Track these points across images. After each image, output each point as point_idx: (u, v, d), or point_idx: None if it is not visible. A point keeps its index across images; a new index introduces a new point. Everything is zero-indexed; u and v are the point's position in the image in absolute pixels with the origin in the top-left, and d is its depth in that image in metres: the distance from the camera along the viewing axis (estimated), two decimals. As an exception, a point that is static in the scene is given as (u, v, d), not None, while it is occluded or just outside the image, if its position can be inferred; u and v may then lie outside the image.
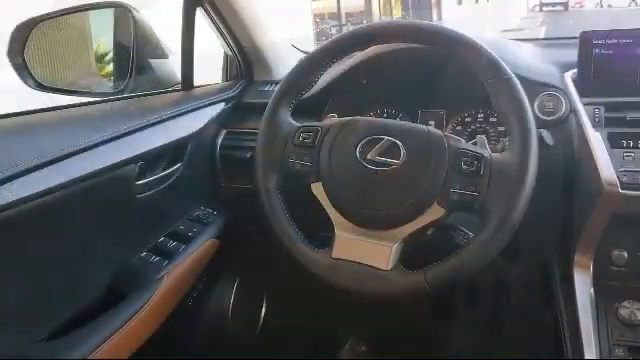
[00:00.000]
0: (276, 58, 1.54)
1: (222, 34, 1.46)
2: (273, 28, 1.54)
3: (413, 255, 0.98)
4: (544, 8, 15.73)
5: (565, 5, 15.66)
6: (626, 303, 1.03)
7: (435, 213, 0.92)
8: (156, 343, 1.16)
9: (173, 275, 1.20)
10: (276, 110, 1.05)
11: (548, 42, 1.56)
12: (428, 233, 1.02)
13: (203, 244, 1.30)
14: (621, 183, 0.99)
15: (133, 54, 1.36)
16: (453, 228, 1.01)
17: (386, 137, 0.96)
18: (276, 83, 1.47)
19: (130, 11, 1.35)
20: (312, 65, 1.05)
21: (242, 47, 1.49)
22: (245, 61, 1.53)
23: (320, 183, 0.99)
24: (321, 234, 1.00)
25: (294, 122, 1.05)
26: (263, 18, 1.49)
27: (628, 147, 1.04)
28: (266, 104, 1.07)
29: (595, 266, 1.08)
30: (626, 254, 1.05)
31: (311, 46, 1.37)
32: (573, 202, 1.09)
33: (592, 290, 1.07)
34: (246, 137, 1.37)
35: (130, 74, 1.36)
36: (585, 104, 1.10)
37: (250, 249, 1.56)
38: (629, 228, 1.04)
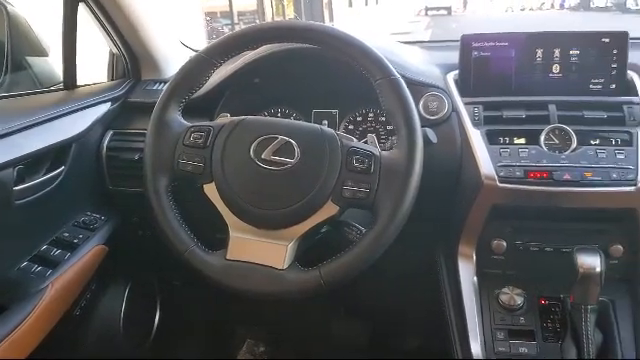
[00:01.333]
0: (165, 56, 1.50)
1: (107, 31, 1.40)
2: (161, 25, 1.50)
3: (309, 253, 0.99)
4: (429, 12, 16.46)
5: (449, 10, 16.47)
6: (506, 289, 1.11)
7: (329, 210, 0.93)
8: (41, 356, 1.09)
9: (58, 284, 1.14)
10: (165, 109, 1.02)
11: (432, 45, 1.63)
12: (323, 230, 1.03)
13: (90, 251, 1.24)
14: (499, 177, 1.06)
15: (7, 51, 1.27)
16: (347, 224, 1.03)
17: (280, 136, 0.96)
18: (165, 82, 1.43)
19: (4, 5, 1.25)
20: (202, 63, 1.03)
21: (128, 45, 1.44)
22: (132, 59, 1.47)
23: (213, 184, 0.97)
24: (216, 236, 0.99)
25: (184, 122, 1.03)
26: (150, 14, 1.44)
27: (505, 143, 1.11)
28: (154, 104, 1.03)
29: (477, 255, 1.15)
30: (505, 243, 1.13)
31: (202, 44, 1.34)
32: (456, 196, 1.15)
33: (475, 278, 1.14)
34: (134, 138, 1.33)
35: (5, 72, 1.27)
36: (465, 104, 1.17)
37: (142, 254, 1.51)
38: (507, 219, 1.12)
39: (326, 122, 1.35)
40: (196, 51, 1.08)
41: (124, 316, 1.48)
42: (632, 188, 1.03)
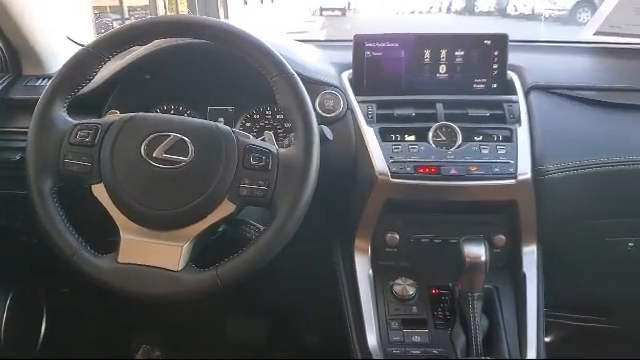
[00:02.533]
0: (49, 51, 1.41)
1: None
2: (44, 18, 1.40)
3: (206, 253, 0.98)
4: (324, 13, 16.72)
5: (343, 11, 16.83)
6: (399, 280, 1.16)
7: (226, 209, 0.92)
8: None
9: None
10: (49, 106, 0.96)
11: (327, 44, 1.65)
12: (220, 230, 1.02)
13: (-33, 258, 1.14)
14: (391, 173, 1.10)
15: None
16: (244, 223, 1.03)
17: (173, 134, 0.94)
18: (49, 78, 1.34)
19: None
20: (88, 58, 0.98)
21: (6, 37, 1.34)
22: (10, 53, 1.37)
23: (102, 184, 0.93)
24: (107, 239, 0.95)
25: (70, 119, 0.98)
26: (31, 6, 1.35)
27: (396, 140, 1.15)
28: (37, 100, 0.97)
29: (372, 249, 1.18)
30: (398, 236, 1.17)
31: (89, 39, 1.27)
32: (352, 191, 1.18)
33: (370, 271, 1.17)
34: (15, 137, 1.24)
35: None
36: (360, 102, 1.20)
37: (26, 260, 1.41)
38: (400, 213, 1.17)
39: (222, 119, 1.33)
40: (82, 46, 1.03)
41: (5, 328, 1.38)
42: (512, 181, 1.10)
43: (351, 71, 1.26)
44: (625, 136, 1.20)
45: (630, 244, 1.30)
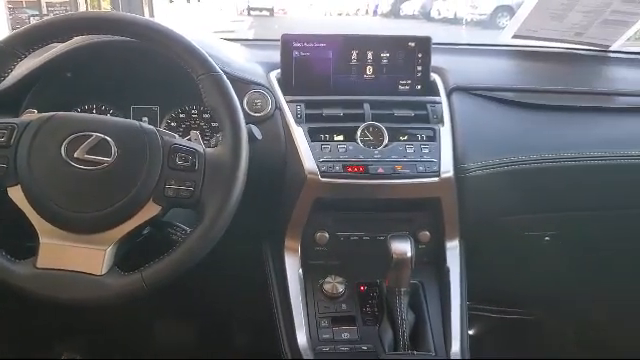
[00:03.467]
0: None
1: None
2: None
3: (131, 257, 0.95)
4: (252, 12, 16.60)
5: (271, 11, 16.78)
6: (329, 279, 1.17)
7: (151, 211, 0.90)
8: None
9: None
10: None
11: (255, 43, 1.64)
12: (145, 232, 0.99)
13: None
14: (321, 172, 1.11)
15: None
16: (170, 225, 1.01)
17: (95, 134, 0.91)
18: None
19: None
20: (2, 55, 0.94)
21: None
22: None
23: (19, 186, 0.89)
24: (26, 244, 0.90)
25: None
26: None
27: (325, 140, 1.17)
28: None
29: (302, 248, 1.19)
30: (327, 235, 1.18)
31: (3, 34, 1.21)
32: (282, 191, 1.18)
33: (300, 270, 1.18)
34: None
35: None
36: (288, 102, 1.20)
37: None
38: (329, 211, 1.18)
39: (146, 119, 1.30)
40: (-4, 42, 0.97)
41: None
42: (436, 179, 1.13)
43: (279, 71, 1.26)
44: (541, 135, 1.26)
45: (546, 238, 1.38)
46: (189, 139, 0.97)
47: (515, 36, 1.48)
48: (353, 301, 1.17)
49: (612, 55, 1.54)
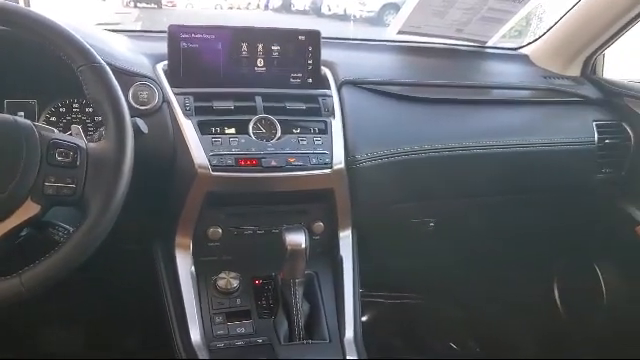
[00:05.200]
0: None
1: None
2: None
3: (11, 259, 0.88)
4: (138, 4, 16.02)
5: (159, 3, 16.26)
6: (222, 274, 1.15)
7: (29, 211, 0.85)
8: None
9: None
10: None
11: (140, 34, 1.57)
12: (24, 233, 0.93)
13: None
14: (212, 166, 1.09)
15: None
16: (52, 225, 0.95)
17: None
18: None
19: None
20: None
21: None
22: None
23: None
24: None
25: None
26: None
27: (216, 133, 1.14)
28: None
29: (194, 244, 1.16)
30: (220, 230, 1.16)
31: None
32: (172, 186, 1.15)
33: (193, 267, 1.15)
34: None
35: None
36: (176, 94, 1.16)
37: None
38: (222, 206, 1.16)
39: (22, 113, 1.22)
40: None
41: None
42: (328, 171, 1.15)
43: (166, 62, 1.22)
44: (426, 127, 1.32)
45: (431, 224, 1.45)
46: (70, 134, 0.92)
47: (400, 32, 1.53)
48: (248, 295, 1.16)
49: (489, 51, 1.64)
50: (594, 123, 1.44)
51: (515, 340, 1.81)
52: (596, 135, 1.43)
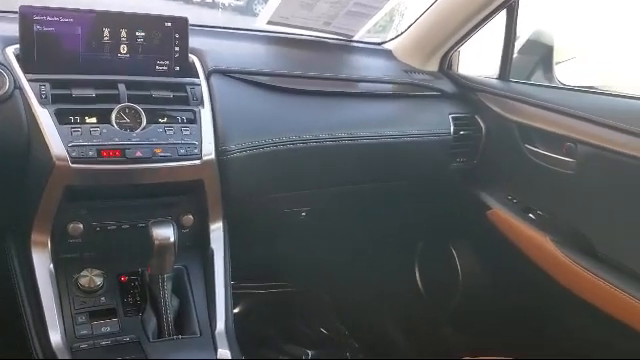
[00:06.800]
0: None
1: None
2: None
3: None
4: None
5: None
6: (85, 272, 1.10)
7: None
8: None
9: None
10: None
11: (-12, 13, 1.44)
12: None
13: None
14: (71, 158, 1.03)
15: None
16: None
17: None
18: None
19: None
20: None
21: None
22: None
23: None
24: None
25: None
26: None
27: (76, 123, 1.08)
28: None
29: (53, 241, 1.09)
30: (82, 226, 1.10)
31: None
32: (27, 179, 1.07)
33: (51, 265, 1.08)
34: None
35: None
36: (30, 80, 1.08)
37: None
38: (83, 200, 1.10)
39: None
40: None
41: None
42: (198, 162, 1.13)
43: (18, 46, 1.13)
44: (299, 118, 1.34)
45: (303, 213, 1.48)
46: None
47: (270, 22, 1.54)
48: (113, 293, 1.12)
49: (355, 45, 1.70)
50: (450, 116, 1.54)
51: (381, 322, 1.91)
52: (452, 127, 1.52)
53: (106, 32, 1.17)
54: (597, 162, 1.25)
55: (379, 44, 1.76)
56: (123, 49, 1.20)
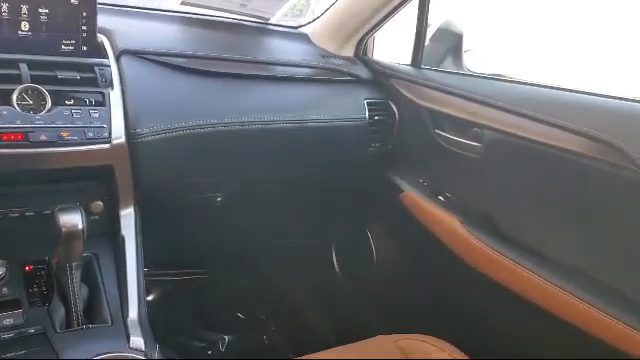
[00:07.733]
0: None
1: None
2: None
3: None
4: None
5: None
6: None
7: None
8: None
9: None
10: None
11: None
12: None
13: None
14: None
15: None
16: None
17: None
18: None
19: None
20: None
21: None
22: None
23: None
24: None
25: None
26: None
27: None
28: None
29: None
30: None
31: None
32: None
33: None
34: None
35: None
36: None
37: None
38: None
39: None
40: None
41: None
42: (107, 145, 1.09)
43: None
44: (214, 101, 1.32)
45: (219, 198, 1.46)
46: None
47: (184, 3, 1.50)
48: (17, 283, 1.06)
49: (272, 28, 1.69)
50: (365, 101, 1.56)
51: (299, 304, 1.93)
52: (367, 112, 1.55)
53: (4, 7, 1.10)
54: (502, 147, 1.31)
55: (296, 28, 1.76)
56: (25, 26, 1.13)
